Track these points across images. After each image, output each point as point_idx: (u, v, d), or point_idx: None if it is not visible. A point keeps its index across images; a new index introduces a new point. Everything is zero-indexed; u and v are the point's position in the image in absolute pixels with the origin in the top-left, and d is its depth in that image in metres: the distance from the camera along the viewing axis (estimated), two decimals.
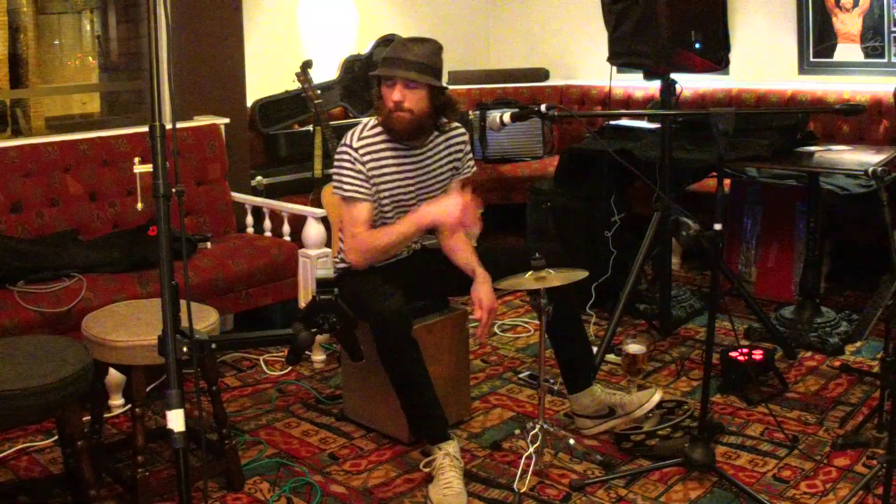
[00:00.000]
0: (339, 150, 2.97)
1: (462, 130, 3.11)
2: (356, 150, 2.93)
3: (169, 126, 1.81)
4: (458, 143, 3.10)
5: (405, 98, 2.86)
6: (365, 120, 3.02)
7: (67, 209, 3.69)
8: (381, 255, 2.97)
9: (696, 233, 2.61)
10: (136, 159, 3.50)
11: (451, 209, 2.84)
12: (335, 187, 2.97)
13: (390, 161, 2.97)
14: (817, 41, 5.11)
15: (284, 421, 3.33)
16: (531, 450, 2.78)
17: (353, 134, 2.96)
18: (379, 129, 2.97)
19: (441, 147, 3.06)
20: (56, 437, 3.05)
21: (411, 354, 2.81)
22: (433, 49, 2.89)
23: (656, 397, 3.07)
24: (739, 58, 4.80)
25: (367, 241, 2.94)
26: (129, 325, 2.68)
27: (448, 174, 3.11)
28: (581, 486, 2.78)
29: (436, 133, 3.03)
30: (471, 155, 3.17)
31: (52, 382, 2.30)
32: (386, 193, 2.98)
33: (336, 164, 2.97)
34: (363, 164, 2.93)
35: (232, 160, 4.27)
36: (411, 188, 3.02)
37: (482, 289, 2.95)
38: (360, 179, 2.93)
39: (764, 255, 4.58)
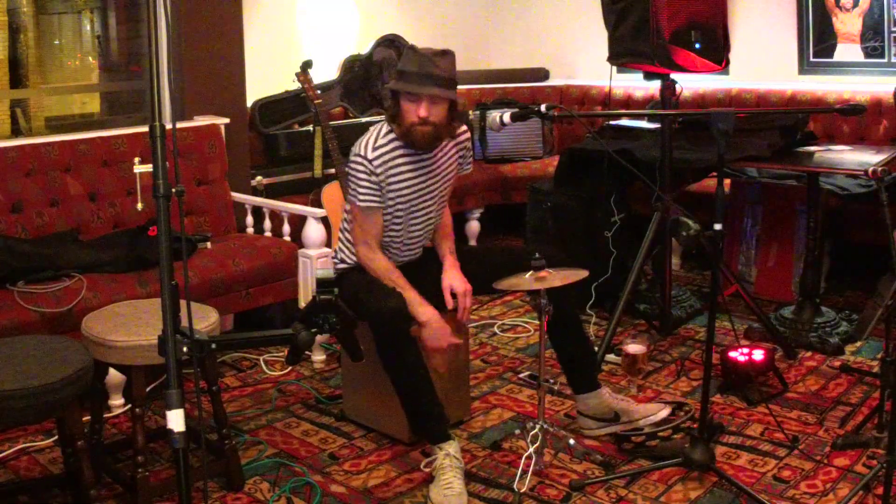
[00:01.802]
0: (353, 158, 2.95)
1: (465, 128, 3.12)
2: (371, 161, 2.92)
3: (169, 126, 1.81)
4: (464, 142, 3.13)
5: (431, 113, 2.86)
6: (377, 126, 3.00)
7: (67, 209, 3.69)
8: (374, 273, 3.02)
9: (696, 233, 2.61)
10: (136, 159, 3.52)
11: (436, 340, 2.89)
12: (350, 195, 2.98)
13: (405, 168, 2.97)
14: (817, 41, 5.11)
15: (284, 421, 3.33)
16: (531, 450, 2.78)
17: (367, 143, 2.95)
18: (392, 136, 2.96)
19: (450, 148, 3.08)
20: (56, 437, 3.05)
21: (410, 353, 2.81)
22: (453, 61, 2.89)
23: (663, 413, 3.08)
24: (739, 58, 4.80)
25: (374, 261, 3.01)
26: (129, 325, 2.68)
27: (454, 173, 3.13)
28: (581, 486, 2.78)
29: None
30: (471, 154, 3.19)
31: (52, 382, 2.30)
32: (400, 199, 2.99)
33: (351, 172, 2.96)
34: (377, 174, 2.93)
35: (232, 160, 4.27)
36: (427, 193, 3.03)
37: (450, 274, 3.05)
38: (375, 190, 2.94)
39: (764, 255, 4.58)
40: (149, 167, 1.80)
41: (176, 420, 1.66)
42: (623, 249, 4.27)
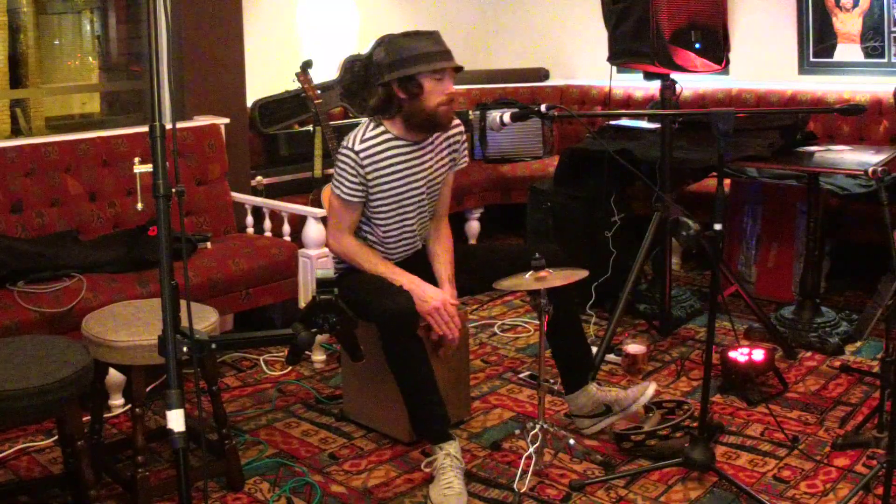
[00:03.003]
0: (340, 151, 2.97)
1: (458, 121, 3.11)
2: (357, 153, 2.92)
3: (169, 126, 1.81)
4: (455, 136, 3.11)
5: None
6: (364, 122, 3.00)
7: (67, 209, 3.69)
8: (350, 263, 3.03)
9: (696, 233, 2.61)
10: (136, 159, 3.52)
11: (425, 304, 2.85)
12: (333, 185, 3.00)
13: (393, 161, 2.96)
14: (817, 41, 5.11)
15: (284, 421, 3.33)
16: (531, 450, 2.78)
17: (354, 137, 2.95)
18: (381, 129, 2.96)
19: (440, 142, 3.07)
20: (56, 437, 3.05)
21: (417, 353, 2.81)
22: None
23: (650, 391, 3.07)
24: (739, 58, 4.79)
25: (349, 248, 3.02)
26: (129, 325, 2.68)
27: (447, 167, 3.13)
28: (581, 486, 2.78)
29: None
30: (466, 146, 3.18)
31: (52, 382, 2.30)
32: (390, 192, 2.98)
33: (337, 164, 2.98)
34: (363, 167, 2.93)
35: (232, 160, 4.27)
36: (416, 186, 3.02)
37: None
38: (358, 183, 2.95)
39: (764, 255, 4.58)
40: (149, 167, 1.80)
41: (176, 420, 1.66)
42: (623, 249, 4.27)
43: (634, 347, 3.65)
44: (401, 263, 3.07)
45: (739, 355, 3.40)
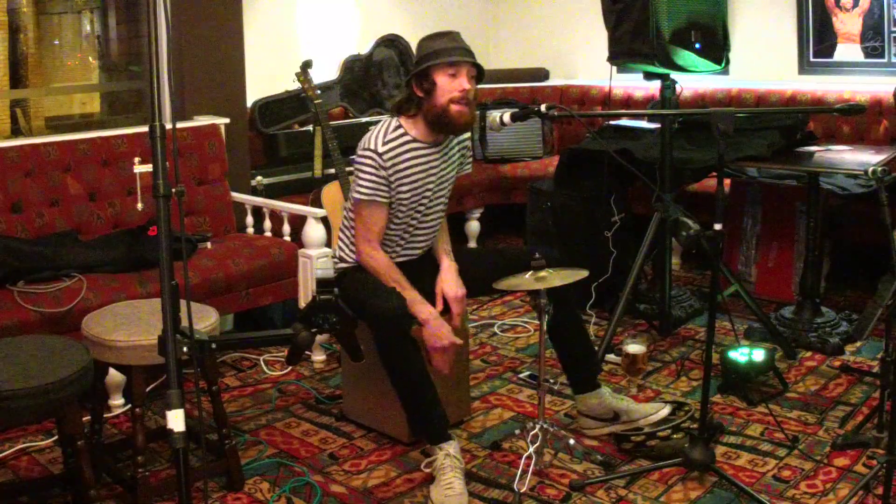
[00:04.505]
0: (361, 153, 2.93)
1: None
2: (381, 155, 2.90)
3: (169, 126, 1.81)
4: (465, 141, 3.13)
5: (472, 86, 2.89)
6: (385, 122, 2.98)
7: (67, 209, 3.69)
8: (375, 272, 3.00)
9: (696, 233, 2.61)
10: (136, 159, 3.52)
11: (436, 339, 2.85)
12: (356, 191, 2.95)
13: (413, 163, 2.96)
14: (817, 41, 5.11)
15: (284, 421, 3.33)
16: (531, 450, 2.78)
17: (376, 137, 2.92)
18: (401, 130, 2.95)
19: (454, 145, 3.08)
20: (56, 437, 3.05)
21: (411, 354, 2.81)
22: None
23: (663, 412, 3.07)
24: (739, 58, 4.79)
25: (375, 259, 2.98)
26: (129, 325, 2.68)
27: (455, 172, 3.14)
28: (581, 486, 2.78)
29: None
30: (471, 153, 3.19)
31: (52, 382, 2.30)
32: (410, 195, 2.98)
33: (358, 166, 2.93)
34: (386, 168, 2.91)
35: (232, 160, 4.27)
36: (432, 188, 3.03)
37: (445, 278, 3.03)
38: (383, 184, 2.92)
39: (764, 255, 4.58)
40: (149, 167, 1.81)
41: (176, 420, 1.66)
42: (623, 249, 4.27)
43: (634, 347, 3.64)
44: (401, 266, 3.06)
45: (739, 355, 3.40)
